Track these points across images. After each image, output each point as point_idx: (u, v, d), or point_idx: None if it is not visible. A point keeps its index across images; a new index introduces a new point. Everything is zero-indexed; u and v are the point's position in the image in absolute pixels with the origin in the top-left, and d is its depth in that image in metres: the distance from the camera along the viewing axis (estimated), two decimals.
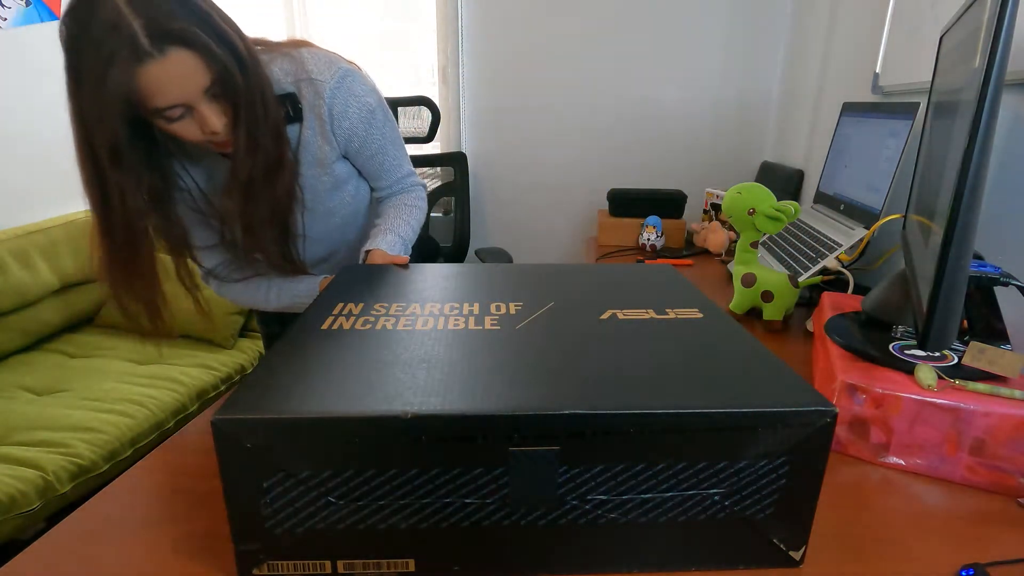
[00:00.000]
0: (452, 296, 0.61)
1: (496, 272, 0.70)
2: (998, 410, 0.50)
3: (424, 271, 0.70)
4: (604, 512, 0.40)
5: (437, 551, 0.41)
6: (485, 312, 0.56)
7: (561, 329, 0.52)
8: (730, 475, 0.40)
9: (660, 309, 0.57)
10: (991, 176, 0.48)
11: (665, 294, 0.62)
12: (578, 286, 0.64)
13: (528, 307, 0.58)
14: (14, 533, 1.21)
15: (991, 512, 0.49)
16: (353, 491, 0.39)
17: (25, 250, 1.84)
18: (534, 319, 0.54)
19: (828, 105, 1.49)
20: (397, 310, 0.57)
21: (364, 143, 0.86)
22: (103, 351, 1.86)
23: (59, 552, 0.44)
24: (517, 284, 0.65)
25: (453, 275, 0.68)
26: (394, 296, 0.61)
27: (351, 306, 0.57)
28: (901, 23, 1.15)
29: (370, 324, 0.53)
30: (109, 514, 0.47)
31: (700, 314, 0.56)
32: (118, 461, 1.41)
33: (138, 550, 0.44)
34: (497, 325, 0.53)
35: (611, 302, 0.59)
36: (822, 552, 0.44)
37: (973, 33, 0.51)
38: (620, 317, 0.55)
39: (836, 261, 0.94)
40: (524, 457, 0.38)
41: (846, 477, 0.53)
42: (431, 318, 0.54)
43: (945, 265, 0.47)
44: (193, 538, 0.45)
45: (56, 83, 0.65)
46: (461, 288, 0.63)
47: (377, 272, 0.70)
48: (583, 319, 0.54)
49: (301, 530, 0.40)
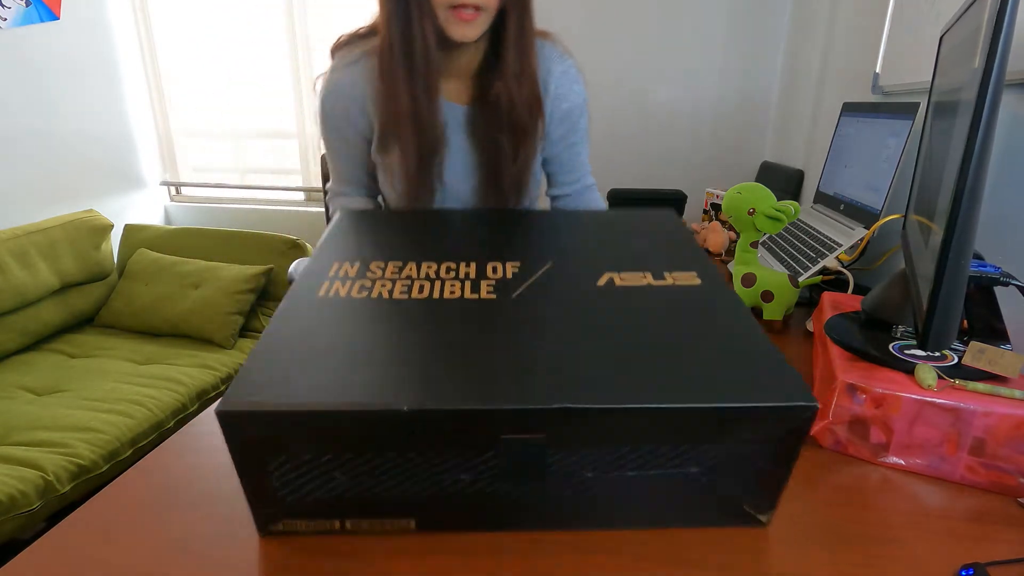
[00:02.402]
0: (449, 254, 0.59)
1: (497, 222, 0.68)
2: (998, 410, 0.50)
3: (424, 220, 0.68)
4: (590, 484, 0.43)
5: (436, 513, 0.44)
6: (482, 275, 0.55)
7: (556, 299, 0.52)
8: (711, 455, 0.42)
9: (658, 273, 0.56)
10: (991, 176, 0.48)
11: (664, 250, 0.60)
12: (579, 239, 0.63)
13: (525, 268, 0.56)
14: (14, 533, 1.21)
15: (991, 512, 0.49)
16: (354, 470, 0.41)
17: (25, 250, 1.84)
18: (530, 285, 0.53)
19: (828, 105, 1.49)
20: (393, 272, 0.55)
21: (571, 130, 0.93)
22: (103, 351, 1.86)
23: (59, 552, 0.44)
24: (517, 238, 0.63)
25: (453, 225, 0.67)
26: (391, 252, 0.59)
27: (347, 267, 0.56)
28: (901, 23, 1.15)
29: (366, 291, 0.52)
30: (109, 514, 0.47)
31: (698, 280, 0.55)
32: (118, 461, 1.41)
33: (138, 550, 0.44)
34: (493, 294, 0.52)
35: (610, 262, 0.58)
36: (822, 552, 0.44)
37: (973, 33, 0.51)
38: (617, 283, 0.54)
39: (836, 261, 0.94)
40: (514, 443, 0.40)
41: (846, 477, 0.53)
42: (427, 283, 0.54)
43: (945, 265, 0.47)
44: (193, 538, 0.45)
45: (56, 83, 0.65)
46: (460, 243, 0.62)
47: (375, 221, 0.69)
48: (579, 286, 0.54)
49: (310, 498, 0.42)
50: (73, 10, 2.12)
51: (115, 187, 2.44)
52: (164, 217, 2.71)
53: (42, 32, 2.03)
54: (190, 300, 1.96)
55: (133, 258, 2.14)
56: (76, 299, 2.02)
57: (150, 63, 2.52)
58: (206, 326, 1.91)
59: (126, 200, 2.49)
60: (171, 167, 2.68)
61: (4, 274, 1.76)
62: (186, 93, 2.56)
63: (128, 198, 2.50)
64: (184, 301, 1.97)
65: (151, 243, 2.19)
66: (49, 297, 1.93)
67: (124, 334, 1.99)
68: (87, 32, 2.21)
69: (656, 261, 0.58)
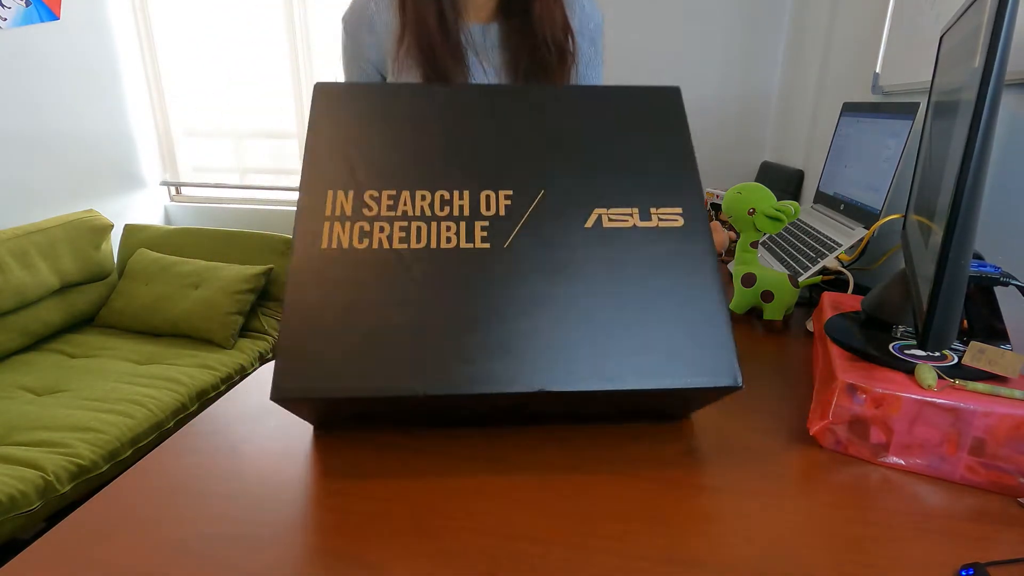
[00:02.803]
0: (442, 178, 0.58)
1: (489, 112, 0.62)
2: (998, 410, 0.50)
3: (411, 110, 0.62)
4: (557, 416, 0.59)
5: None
6: (476, 211, 0.56)
7: (545, 249, 0.55)
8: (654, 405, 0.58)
9: (645, 211, 0.58)
10: (991, 176, 0.48)
11: (658, 169, 0.61)
12: (573, 153, 0.61)
13: (518, 200, 0.57)
14: (14, 533, 1.21)
15: (991, 512, 0.49)
16: (384, 419, 0.58)
17: (25, 250, 1.84)
18: (522, 227, 0.56)
19: (828, 105, 1.49)
20: (388, 205, 0.56)
21: (596, 52, 0.95)
22: (103, 351, 1.86)
23: (59, 552, 0.44)
24: (510, 148, 0.60)
25: (444, 120, 0.61)
26: (382, 173, 0.58)
27: (342, 199, 0.56)
28: (901, 23, 1.15)
29: (366, 238, 0.55)
30: (109, 514, 0.47)
31: (681, 221, 0.58)
32: (118, 461, 1.41)
33: (138, 550, 0.44)
34: (487, 242, 0.55)
35: (601, 193, 0.59)
36: (822, 552, 0.44)
37: (973, 33, 0.51)
38: (605, 224, 0.57)
39: (836, 261, 0.94)
40: (500, 407, 0.55)
41: (846, 477, 0.53)
42: (423, 225, 0.55)
43: (945, 265, 0.47)
44: (193, 538, 0.45)
45: (56, 83, 0.65)
46: (452, 158, 0.59)
47: (359, 112, 0.62)
48: (568, 229, 0.57)
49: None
50: (73, 10, 2.12)
51: (115, 187, 2.44)
52: (164, 217, 2.71)
53: (42, 32, 2.03)
54: (190, 300, 1.96)
55: (133, 258, 2.14)
56: (76, 299, 2.02)
57: (150, 63, 2.52)
58: (206, 326, 1.91)
59: (126, 200, 2.49)
60: (171, 167, 2.68)
61: (4, 274, 1.76)
62: (186, 93, 2.56)
63: (128, 198, 2.50)
64: (184, 301, 1.97)
65: (151, 243, 2.19)
66: (49, 297, 1.93)
67: (124, 334, 1.99)
68: (87, 32, 2.21)
69: (645, 191, 0.59)
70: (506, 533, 0.45)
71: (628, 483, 0.51)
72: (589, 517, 0.47)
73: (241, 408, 0.62)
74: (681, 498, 0.50)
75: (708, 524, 0.47)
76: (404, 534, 0.45)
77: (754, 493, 0.50)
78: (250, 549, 0.44)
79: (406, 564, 0.42)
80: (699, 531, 0.46)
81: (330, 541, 0.44)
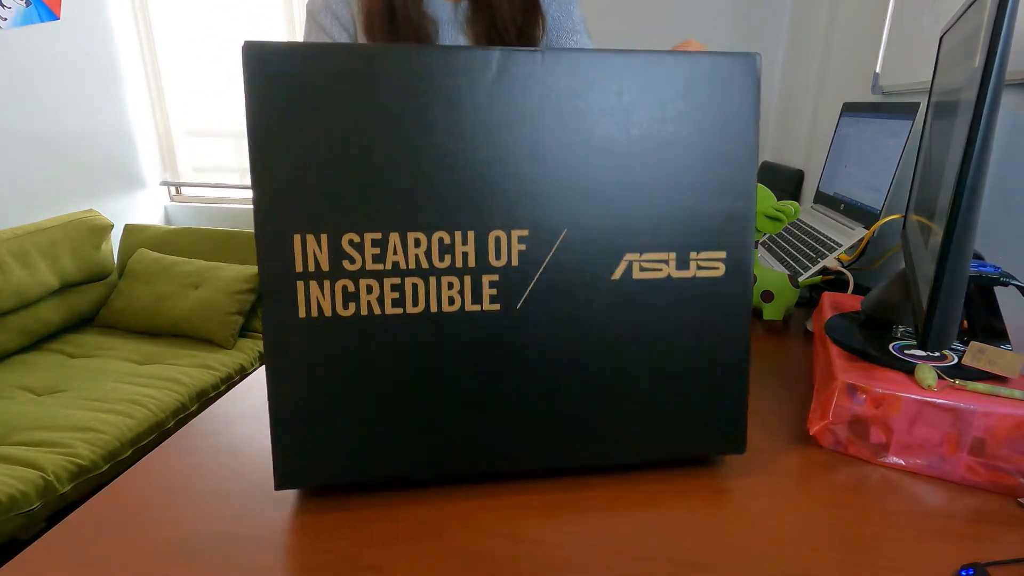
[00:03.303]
0: (441, 209, 0.45)
1: (495, 106, 0.45)
2: (998, 410, 0.50)
3: (387, 89, 0.43)
4: None
5: None
6: (483, 262, 0.46)
7: (562, 313, 0.47)
8: None
9: (684, 255, 0.48)
10: (991, 176, 0.48)
11: (707, 194, 0.48)
12: (607, 157, 0.46)
13: (534, 246, 0.46)
14: (14, 533, 1.21)
15: (991, 512, 0.49)
16: None
17: (25, 250, 1.84)
18: (537, 283, 0.47)
19: (828, 105, 1.49)
20: (375, 255, 0.44)
21: (574, 20, 0.96)
22: (103, 351, 1.86)
23: (59, 552, 0.44)
24: (526, 156, 0.45)
25: (437, 113, 0.44)
26: (360, 196, 0.44)
27: (314, 246, 0.44)
28: (901, 23, 1.15)
29: (353, 304, 0.45)
30: (109, 514, 0.47)
31: (721, 269, 0.49)
32: (118, 461, 1.41)
33: (138, 550, 0.44)
34: (496, 302, 0.46)
35: (637, 228, 0.47)
36: (822, 552, 0.44)
37: (973, 33, 0.51)
38: (635, 275, 0.48)
39: (836, 261, 0.94)
40: None
41: (846, 477, 0.53)
42: (419, 281, 0.45)
43: (945, 265, 0.47)
44: (193, 538, 0.45)
45: (57, 83, 0.65)
46: (451, 176, 0.45)
47: (318, 102, 0.43)
48: (592, 282, 0.47)
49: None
50: (73, 10, 2.12)
51: (115, 187, 2.44)
52: (164, 217, 2.71)
53: (42, 32, 2.03)
54: (190, 300, 1.96)
55: (133, 258, 2.14)
56: (76, 299, 2.02)
57: (150, 63, 2.52)
58: (206, 326, 1.91)
59: (126, 200, 2.49)
60: (171, 167, 2.68)
61: (4, 274, 1.76)
62: (186, 93, 2.56)
63: (128, 198, 2.50)
64: (184, 301, 1.97)
65: (151, 243, 2.19)
66: (49, 297, 1.93)
67: (124, 334, 1.99)
68: (87, 32, 2.21)
69: (687, 227, 0.48)
70: (506, 533, 0.45)
71: (628, 483, 0.51)
72: (589, 517, 0.47)
73: (241, 408, 0.62)
74: (681, 498, 0.50)
75: (708, 524, 0.47)
76: (405, 534, 0.45)
77: (754, 493, 0.50)
78: (250, 549, 0.44)
79: (406, 564, 0.42)
80: (699, 531, 0.46)
81: (330, 542, 0.44)
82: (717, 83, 0.47)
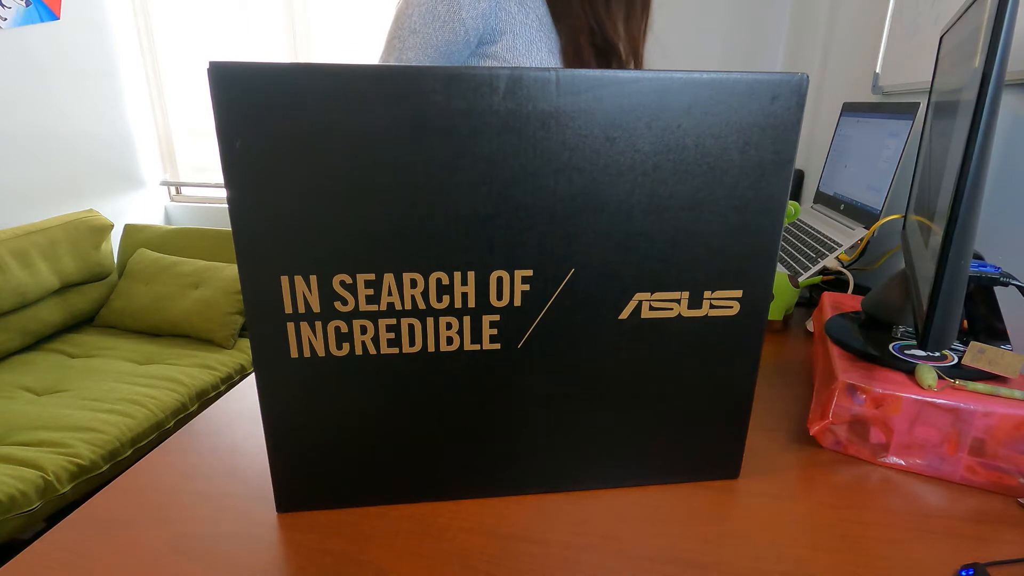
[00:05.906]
0: (438, 248, 0.41)
1: (502, 131, 0.40)
2: (998, 410, 0.50)
3: (378, 116, 0.38)
4: None
5: None
6: (483, 302, 0.43)
7: (566, 352, 0.45)
8: None
9: (697, 294, 0.45)
10: (991, 176, 0.48)
11: (726, 230, 0.44)
12: (621, 189, 0.42)
13: (538, 286, 0.43)
14: (14, 533, 1.21)
15: (991, 512, 0.49)
16: None
17: (25, 250, 1.84)
18: (540, 323, 0.44)
19: (828, 105, 1.49)
20: (368, 296, 0.42)
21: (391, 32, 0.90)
22: (103, 351, 1.86)
23: (59, 552, 0.44)
24: (532, 189, 0.41)
25: (439, 141, 0.39)
26: (351, 235, 0.40)
27: (303, 289, 0.41)
28: (901, 23, 1.15)
29: (347, 344, 0.43)
30: (109, 514, 0.47)
31: (736, 308, 0.46)
32: (118, 461, 1.41)
33: (138, 550, 0.44)
34: (497, 341, 0.44)
35: (649, 266, 0.44)
36: (822, 552, 0.44)
37: (973, 33, 0.51)
38: (644, 315, 0.45)
39: (836, 261, 0.94)
40: None
41: (846, 477, 0.53)
42: (416, 322, 0.43)
43: (945, 265, 0.47)
44: (193, 538, 0.45)
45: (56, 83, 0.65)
46: (450, 212, 0.41)
47: (299, 130, 0.38)
48: (598, 323, 0.45)
49: None
50: (73, 10, 2.12)
51: (115, 187, 2.44)
52: (164, 217, 2.71)
53: (42, 32, 2.03)
54: (190, 300, 1.96)
55: (133, 258, 2.14)
56: (76, 299, 2.02)
57: (150, 63, 2.52)
58: (206, 326, 1.91)
59: (126, 200, 2.49)
60: (171, 167, 2.68)
61: (4, 274, 1.76)
62: (186, 92, 2.56)
63: (128, 198, 2.50)
64: (184, 301, 1.97)
65: (151, 243, 2.19)
66: (49, 297, 1.93)
67: (124, 334, 1.99)
68: (87, 32, 2.21)
69: (703, 265, 0.45)
70: (506, 533, 0.45)
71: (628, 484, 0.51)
72: (589, 517, 0.47)
73: (241, 408, 0.62)
74: (681, 498, 0.50)
75: (708, 524, 0.47)
76: (404, 534, 0.45)
77: (754, 493, 0.50)
78: (250, 549, 0.44)
79: (406, 564, 0.42)
80: (699, 531, 0.46)
81: (330, 541, 0.44)
82: (746, 113, 0.44)
